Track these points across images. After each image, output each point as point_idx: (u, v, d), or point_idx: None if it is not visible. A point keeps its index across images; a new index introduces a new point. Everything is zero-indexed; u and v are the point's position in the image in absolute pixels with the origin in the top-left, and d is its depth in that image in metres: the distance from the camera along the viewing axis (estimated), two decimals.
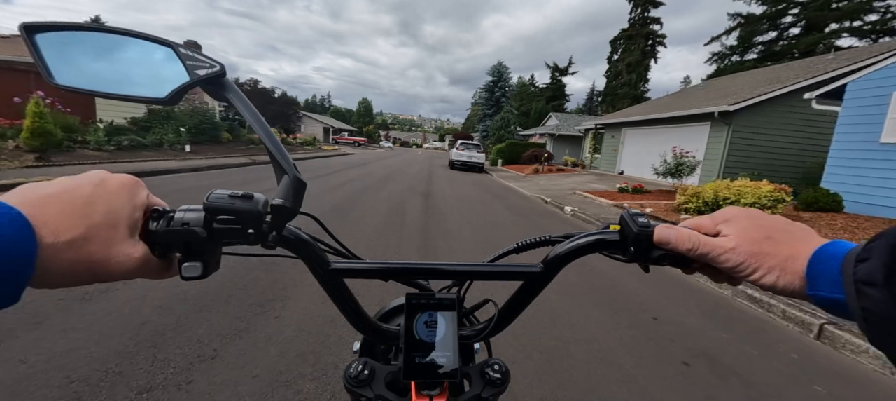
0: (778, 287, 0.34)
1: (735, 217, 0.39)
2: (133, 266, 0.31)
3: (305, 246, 0.42)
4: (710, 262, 0.38)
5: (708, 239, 0.38)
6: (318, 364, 1.93)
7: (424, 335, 0.47)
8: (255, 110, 0.39)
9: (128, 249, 0.31)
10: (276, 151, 0.38)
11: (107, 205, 0.31)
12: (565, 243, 0.46)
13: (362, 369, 0.45)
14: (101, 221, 0.30)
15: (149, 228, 0.35)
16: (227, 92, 0.39)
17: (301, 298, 2.65)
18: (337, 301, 0.46)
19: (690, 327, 2.74)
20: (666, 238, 0.39)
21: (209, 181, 8.25)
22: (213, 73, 0.38)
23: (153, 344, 1.99)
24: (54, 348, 1.87)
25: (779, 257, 0.35)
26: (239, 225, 0.35)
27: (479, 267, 0.48)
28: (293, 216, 0.38)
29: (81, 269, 0.29)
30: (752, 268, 0.35)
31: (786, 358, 2.42)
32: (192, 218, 0.35)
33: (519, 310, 0.49)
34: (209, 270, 0.37)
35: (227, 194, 0.35)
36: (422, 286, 0.56)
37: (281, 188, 0.37)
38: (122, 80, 0.38)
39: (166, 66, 0.38)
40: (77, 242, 0.28)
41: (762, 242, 0.36)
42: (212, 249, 0.37)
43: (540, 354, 2.20)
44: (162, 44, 0.38)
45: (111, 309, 2.30)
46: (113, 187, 0.32)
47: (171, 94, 0.38)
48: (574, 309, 2.85)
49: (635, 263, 0.43)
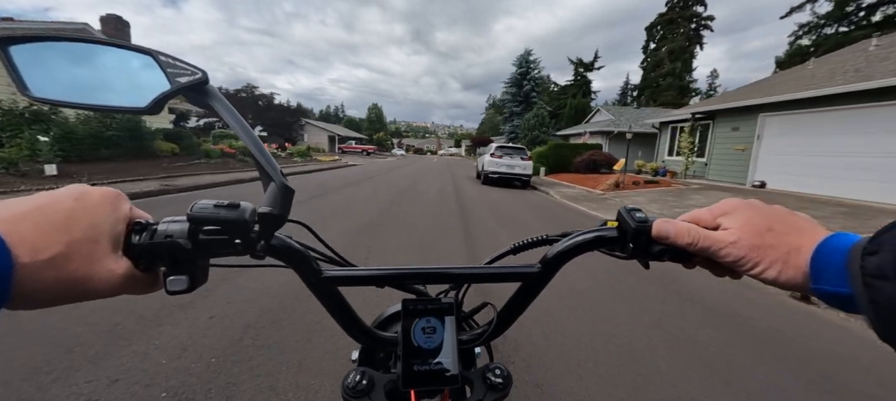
0: (780, 281, 0.34)
1: (735, 209, 0.37)
2: (117, 283, 0.30)
3: (296, 254, 0.41)
4: (711, 256, 0.37)
5: (708, 233, 0.37)
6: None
7: (423, 342, 0.46)
8: (239, 117, 0.39)
9: (111, 264, 0.30)
10: (262, 158, 0.37)
11: (88, 219, 0.29)
12: (563, 242, 0.45)
13: (360, 380, 0.45)
14: (82, 237, 0.28)
15: (131, 242, 0.33)
16: (210, 99, 0.38)
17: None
18: (331, 310, 0.46)
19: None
20: (665, 233, 0.38)
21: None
22: (195, 81, 0.37)
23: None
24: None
25: (781, 250, 0.34)
26: (225, 235, 0.34)
27: (476, 270, 0.47)
28: (281, 224, 0.37)
29: (63, 288, 0.27)
30: (753, 262, 0.34)
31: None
32: (176, 230, 0.34)
33: (519, 312, 0.48)
34: (196, 283, 0.35)
35: (211, 204, 0.34)
36: (419, 292, 0.54)
37: (267, 196, 0.37)
38: (100, 90, 0.37)
39: (146, 75, 0.37)
40: (57, 260, 0.27)
41: (764, 235, 0.35)
42: (198, 261, 0.35)
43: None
44: (141, 52, 0.38)
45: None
46: (94, 201, 0.31)
47: (152, 102, 0.37)
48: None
49: (635, 259, 0.42)
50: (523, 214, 7.24)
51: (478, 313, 0.57)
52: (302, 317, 2.36)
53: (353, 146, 46.65)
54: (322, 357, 1.96)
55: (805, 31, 27.93)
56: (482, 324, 0.53)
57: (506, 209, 7.71)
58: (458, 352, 0.46)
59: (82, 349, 1.90)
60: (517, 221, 6.53)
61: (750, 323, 2.78)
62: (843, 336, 2.66)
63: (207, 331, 2.15)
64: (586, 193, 11.05)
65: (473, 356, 0.56)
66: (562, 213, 7.90)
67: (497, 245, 4.10)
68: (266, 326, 2.25)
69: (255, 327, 2.22)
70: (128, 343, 1.98)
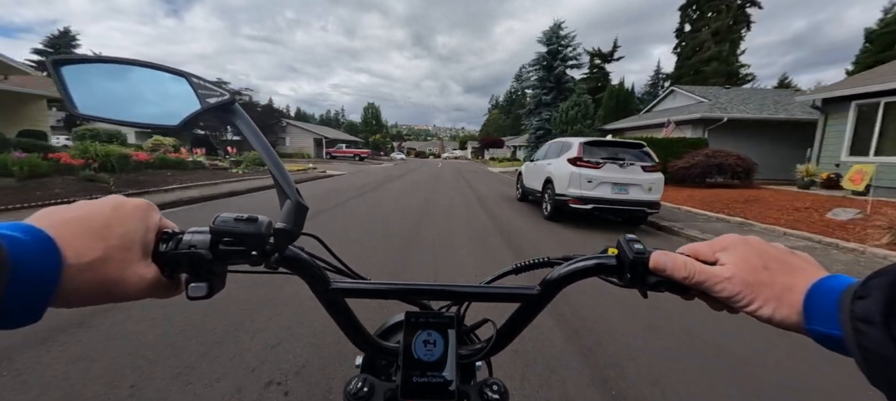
0: (775, 320, 0.33)
1: (733, 245, 0.38)
2: (145, 287, 0.32)
3: (306, 266, 0.43)
4: (706, 290, 0.37)
5: (704, 267, 0.37)
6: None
7: (423, 354, 0.47)
8: (261, 136, 0.41)
9: (141, 270, 0.32)
10: (280, 177, 0.39)
11: (123, 227, 0.32)
12: (564, 266, 0.45)
13: (361, 386, 0.45)
14: (117, 243, 0.31)
15: (159, 250, 0.35)
16: (235, 118, 0.41)
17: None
18: (337, 320, 0.47)
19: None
20: (662, 265, 0.39)
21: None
22: (222, 102, 0.40)
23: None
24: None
25: (775, 289, 0.34)
26: (243, 247, 0.36)
27: (477, 289, 0.49)
28: (295, 239, 0.39)
29: (98, 289, 0.29)
30: (748, 298, 0.34)
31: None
32: (198, 240, 0.36)
33: (517, 330, 0.49)
34: (214, 290, 0.37)
35: (232, 218, 0.36)
36: (422, 305, 0.55)
37: (283, 212, 0.38)
38: (137, 108, 0.40)
39: (179, 95, 0.40)
40: (96, 264, 0.29)
41: (759, 272, 0.35)
42: (217, 270, 0.37)
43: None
44: (176, 74, 0.40)
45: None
46: (128, 211, 0.33)
47: (183, 121, 0.40)
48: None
49: (633, 288, 0.42)
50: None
51: (478, 328, 0.57)
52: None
53: (342, 150, 39.81)
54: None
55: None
56: (483, 339, 0.53)
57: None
58: (457, 366, 0.47)
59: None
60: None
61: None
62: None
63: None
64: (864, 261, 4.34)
65: (473, 370, 0.55)
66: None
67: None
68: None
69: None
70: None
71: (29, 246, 0.25)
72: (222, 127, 27.47)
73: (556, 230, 5.70)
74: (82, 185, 7.15)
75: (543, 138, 23.90)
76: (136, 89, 0.40)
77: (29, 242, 0.25)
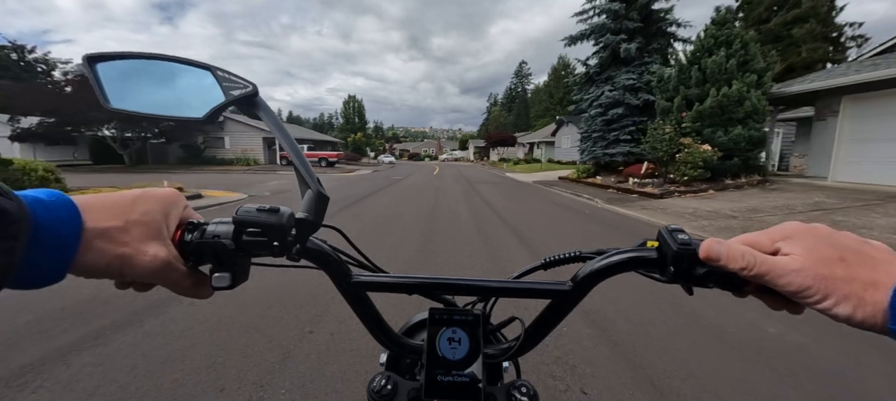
0: (855, 319, 0.30)
1: (798, 234, 0.34)
2: (158, 266, 0.33)
3: (328, 258, 0.43)
4: (768, 284, 0.33)
5: (766, 257, 0.33)
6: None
7: (447, 352, 0.46)
8: (283, 127, 0.41)
9: (155, 249, 0.33)
10: (302, 167, 0.40)
11: (145, 207, 0.34)
12: (597, 260, 0.43)
13: (385, 384, 0.45)
14: (137, 219, 0.33)
15: (184, 239, 0.36)
16: (258, 110, 0.41)
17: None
18: (360, 314, 0.47)
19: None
20: (715, 254, 0.35)
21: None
22: (246, 93, 0.41)
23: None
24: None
25: (855, 285, 0.30)
26: (265, 237, 0.36)
27: (505, 284, 0.48)
28: (316, 229, 0.39)
29: (113, 259, 0.31)
30: (821, 294, 0.31)
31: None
32: (222, 231, 0.36)
33: (548, 329, 0.46)
34: (237, 280, 0.37)
35: (255, 208, 0.37)
36: (446, 301, 0.54)
37: (304, 202, 0.39)
38: (165, 101, 0.41)
39: (205, 88, 0.41)
40: (113, 232, 0.31)
41: (834, 265, 0.31)
42: (240, 260, 0.38)
43: None
44: (201, 67, 0.41)
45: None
46: (153, 195, 0.35)
47: (209, 113, 0.41)
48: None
49: (677, 284, 0.39)
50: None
51: (505, 327, 0.55)
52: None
53: (305, 153, 29.68)
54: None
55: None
56: (510, 338, 0.51)
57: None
58: (483, 366, 0.46)
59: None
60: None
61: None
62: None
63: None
64: None
65: (501, 371, 0.54)
66: None
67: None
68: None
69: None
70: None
71: (51, 206, 0.27)
72: (134, 125, 23.46)
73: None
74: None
75: (622, 120, 14.47)
76: (163, 83, 0.41)
77: (51, 202, 0.28)
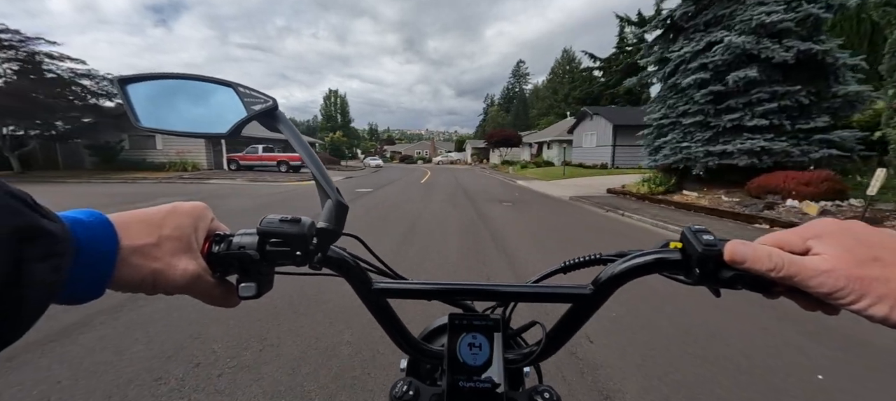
0: (892, 320, 0.29)
1: (830, 232, 0.33)
2: (188, 279, 0.35)
3: (349, 266, 0.44)
4: (799, 285, 0.32)
5: (794, 258, 0.32)
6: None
7: (468, 358, 0.46)
8: (302, 140, 0.42)
9: (186, 262, 0.35)
10: (321, 177, 0.40)
11: (176, 222, 0.35)
12: (618, 263, 0.42)
13: (407, 390, 0.45)
14: (169, 234, 0.34)
15: (212, 251, 0.38)
16: (278, 123, 0.42)
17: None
18: (380, 321, 0.47)
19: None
20: (741, 256, 0.34)
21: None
22: (266, 108, 0.41)
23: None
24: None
25: (892, 284, 0.29)
26: (288, 247, 0.37)
27: (524, 288, 0.47)
28: (336, 238, 0.40)
29: (147, 274, 0.32)
30: (856, 294, 0.29)
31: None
32: (247, 242, 0.37)
33: (569, 334, 0.46)
34: (262, 289, 0.39)
35: (277, 219, 0.38)
36: (466, 307, 0.54)
37: (325, 212, 0.39)
38: (192, 119, 0.42)
39: (227, 104, 0.41)
40: (148, 248, 0.32)
41: (868, 265, 0.30)
42: (265, 270, 0.39)
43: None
44: (223, 84, 0.42)
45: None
46: (183, 210, 0.37)
47: (231, 128, 0.41)
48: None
49: (703, 286, 0.38)
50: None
51: (526, 331, 0.54)
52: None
53: (258, 156, 21.48)
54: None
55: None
56: (531, 343, 0.51)
57: None
58: (504, 371, 0.45)
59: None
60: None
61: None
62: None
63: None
64: None
65: (522, 376, 0.53)
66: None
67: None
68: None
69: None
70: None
71: (90, 225, 0.29)
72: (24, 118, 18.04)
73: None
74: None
75: (754, 91, 7.96)
76: (188, 101, 0.42)
77: (90, 222, 0.29)
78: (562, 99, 55.40)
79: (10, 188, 0.24)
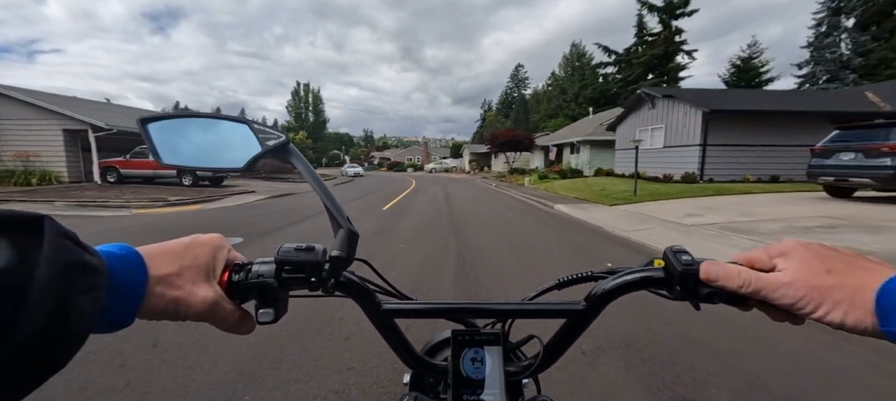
0: (847, 325, 0.31)
1: (792, 250, 0.36)
2: (206, 307, 0.36)
3: (359, 290, 0.46)
4: (765, 298, 0.35)
5: (760, 274, 0.36)
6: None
7: (471, 372, 0.48)
8: (315, 174, 0.44)
9: (205, 290, 0.36)
10: (333, 208, 0.42)
11: (195, 251, 0.37)
12: (609, 280, 0.44)
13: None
14: (189, 263, 0.36)
15: (232, 280, 0.39)
16: (290, 157, 0.44)
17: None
18: (387, 338, 0.48)
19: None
20: (714, 275, 0.37)
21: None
22: (279, 143, 0.44)
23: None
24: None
25: (844, 291, 0.32)
26: (303, 274, 0.39)
27: (523, 306, 0.49)
28: (349, 264, 0.42)
29: (170, 301, 0.34)
30: (814, 303, 0.32)
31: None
32: (265, 270, 0.39)
33: (565, 346, 0.48)
34: (279, 314, 0.40)
35: (293, 248, 0.40)
36: (467, 323, 0.55)
37: (337, 241, 0.41)
38: (209, 154, 0.45)
39: (243, 141, 0.44)
40: (171, 278, 0.34)
41: (822, 276, 0.33)
42: (281, 296, 0.41)
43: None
44: (238, 122, 0.45)
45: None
46: (202, 240, 0.39)
47: (247, 163, 0.44)
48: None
49: (685, 301, 0.41)
50: None
51: (524, 344, 0.56)
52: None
53: (147, 162, 14.33)
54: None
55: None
56: (529, 356, 0.52)
57: None
58: (505, 383, 0.47)
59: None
60: None
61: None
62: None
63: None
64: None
65: (521, 388, 0.54)
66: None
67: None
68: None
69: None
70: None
71: (122, 258, 0.31)
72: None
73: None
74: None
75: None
76: (206, 138, 0.45)
77: (122, 255, 0.31)
78: (571, 99, 49.08)
79: (63, 228, 0.26)
